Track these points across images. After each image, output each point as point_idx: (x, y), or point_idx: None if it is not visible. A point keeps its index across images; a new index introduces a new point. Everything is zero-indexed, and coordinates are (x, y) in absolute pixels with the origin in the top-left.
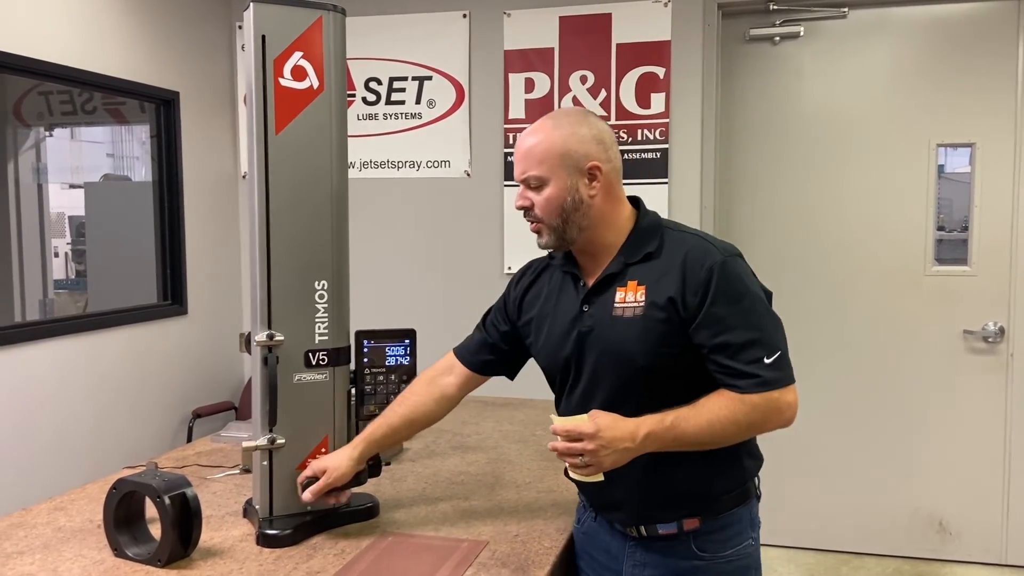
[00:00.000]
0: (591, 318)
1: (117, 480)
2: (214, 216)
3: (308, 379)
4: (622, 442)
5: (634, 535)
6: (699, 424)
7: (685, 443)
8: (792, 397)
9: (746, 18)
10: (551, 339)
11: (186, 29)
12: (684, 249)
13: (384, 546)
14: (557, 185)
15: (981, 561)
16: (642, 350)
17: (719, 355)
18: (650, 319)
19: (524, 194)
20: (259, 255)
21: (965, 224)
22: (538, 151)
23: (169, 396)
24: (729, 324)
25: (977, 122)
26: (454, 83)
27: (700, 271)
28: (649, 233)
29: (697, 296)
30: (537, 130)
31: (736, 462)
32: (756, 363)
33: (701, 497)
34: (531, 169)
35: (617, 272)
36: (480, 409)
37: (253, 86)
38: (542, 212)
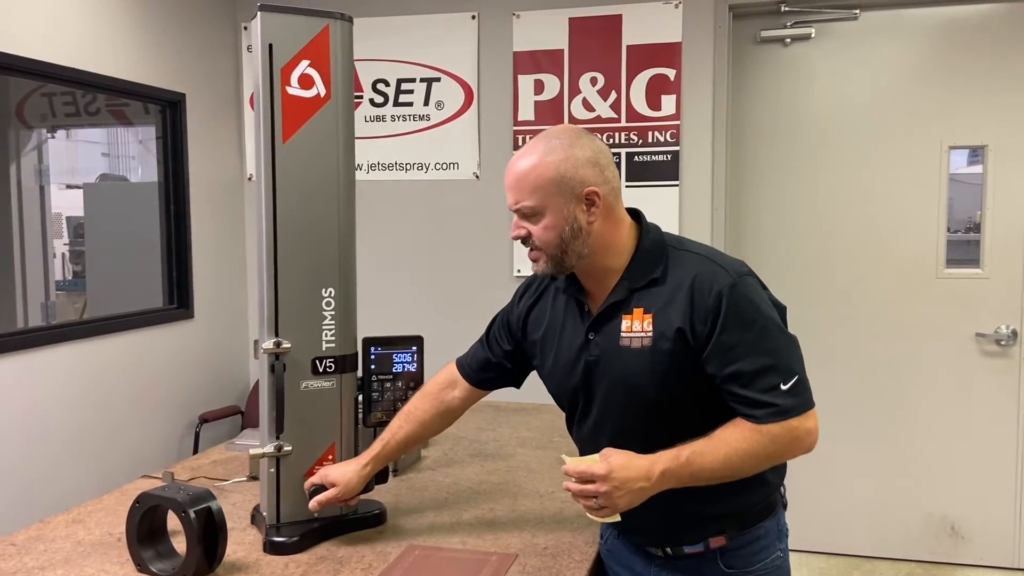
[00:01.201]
0: (598, 347)
1: (140, 494)
2: (220, 218)
3: (315, 386)
4: (636, 482)
5: (660, 555)
6: (716, 459)
7: (703, 479)
8: (812, 423)
9: (757, 19)
10: (558, 367)
11: (192, 30)
12: (691, 273)
13: (412, 560)
14: (553, 215)
15: (994, 565)
16: (652, 383)
17: (732, 384)
18: (659, 351)
19: (519, 224)
20: (266, 263)
21: (969, 226)
22: (530, 180)
23: (176, 401)
24: (741, 352)
25: (989, 124)
26: (463, 85)
27: (708, 297)
28: (653, 255)
29: (706, 324)
30: (527, 154)
31: (759, 477)
32: (772, 391)
33: (726, 516)
34: (524, 199)
35: (622, 300)
36: (494, 415)
37: (260, 94)
38: (540, 242)
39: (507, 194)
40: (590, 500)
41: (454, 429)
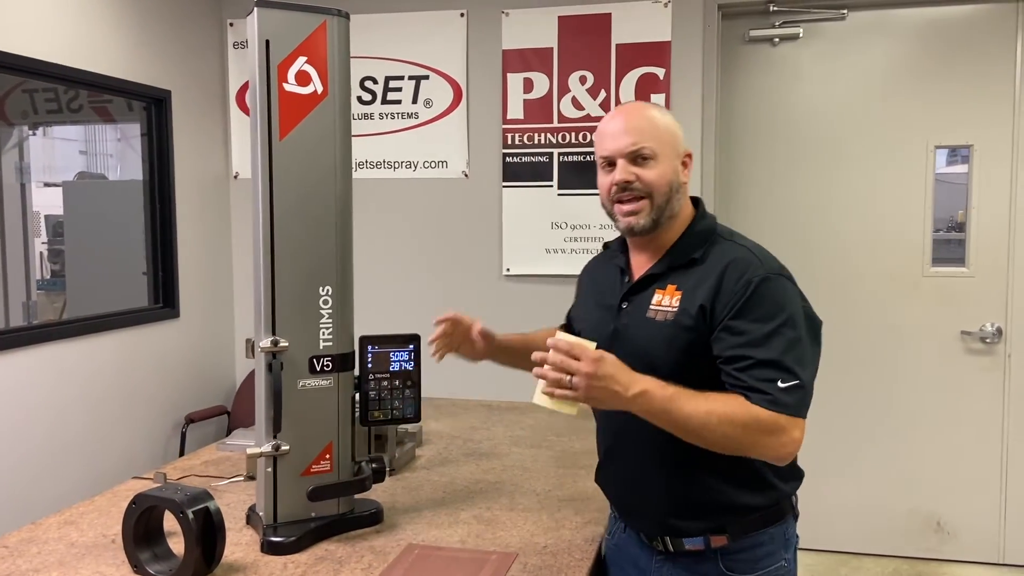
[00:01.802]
0: (627, 316)
1: (137, 495)
2: (206, 217)
3: (313, 385)
4: (616, 383)
5: (661, 549)
6: (696, 408)
7: (675, 422)
8: (798, 434)
9: (746, 19)
10: (590, 330)
11: (177, 27)
12: (728, 258)
13: (412, 559)
14: (665, 164)
15: (979, 561)
16: (666, 357)
17: (732, 366)
18: (678, 326)
19: (628, 168)
20: (263, 261)
21: (951, 225)
22: (654, 125)
23: (162, 401)
24: (750, 340)
25: (975, 124)
26: (451, 83)
27: (737, 283)
28: (700, 238)
29: (727, 307)
30: (642, 108)
31: (763, 480)
32: (770, 383)
33: (726, 511)
34: (646, 141)
35: (659, 274)
36: (487, 414)
37: (257, 91)
38: (652, 188)
39: (615, 139)
40: (563, 376)
41: (447, 428)
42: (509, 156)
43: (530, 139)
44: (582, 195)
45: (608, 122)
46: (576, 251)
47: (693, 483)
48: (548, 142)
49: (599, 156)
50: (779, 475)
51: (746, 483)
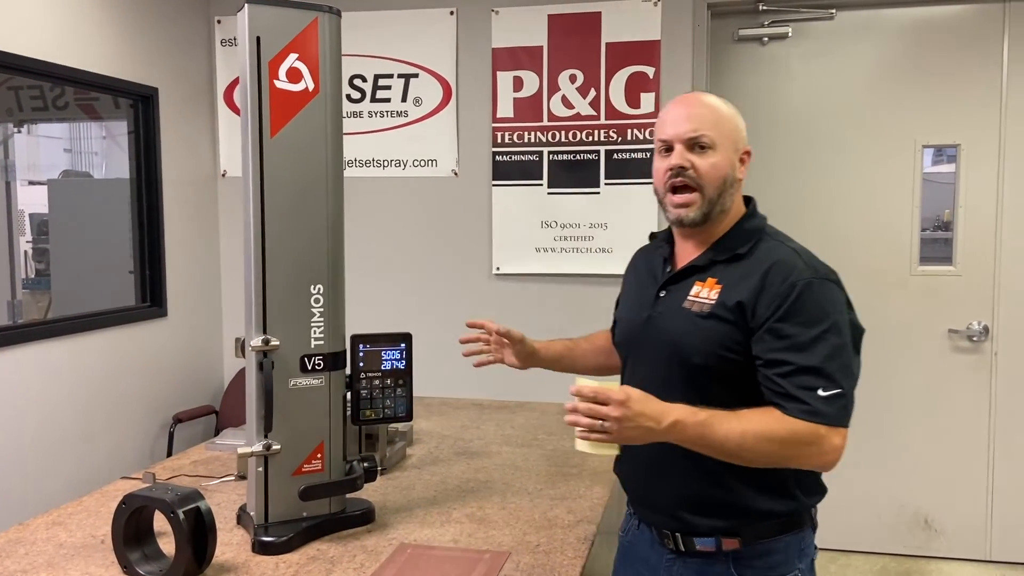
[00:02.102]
0: (662, 304)
1: (127, 495)
2: (193, 215)
3: (304, 384)
4: (647, 419)
5: (672, 548)
6: (730, 431)
7: (712, 446)
8: (839, 441)
9: (735, 18)
10: (625, 316)
11: (164, 23)
12: (773, 258)
13: (404, 559)
14: (723, 156)
15: (966, 558)
16: (699, 348)
17: (772, 370)
18: (714, 317)
19: (685, 155)
20: (254, 259)
21: (937, 224)
22: (716, 115)
23: (149, 400)
24: (793, 344)
25: (962, 123)
26: (441, 81)
27: (781, 284)
28: (747, 235)
29: (770, 308)
30: (707, 97)
31: (783, 486)
32: (809, 391)
33: (742, 513)
34: (706, 129)
35: (701, 266)
36: (478, 413)
37: (248, 88)
38: (705, 178)
39: (676, 124)
40: (596, 422)
41: (438, 427)
42: (499, 155)
43: (520, 138)
44: (572, 194)
45: (671, 108)
46: (566, 250)
47: (712, 480)
48: (538, 141)
49: (657, 140)
50: (801, 486)
51: (766, 488)
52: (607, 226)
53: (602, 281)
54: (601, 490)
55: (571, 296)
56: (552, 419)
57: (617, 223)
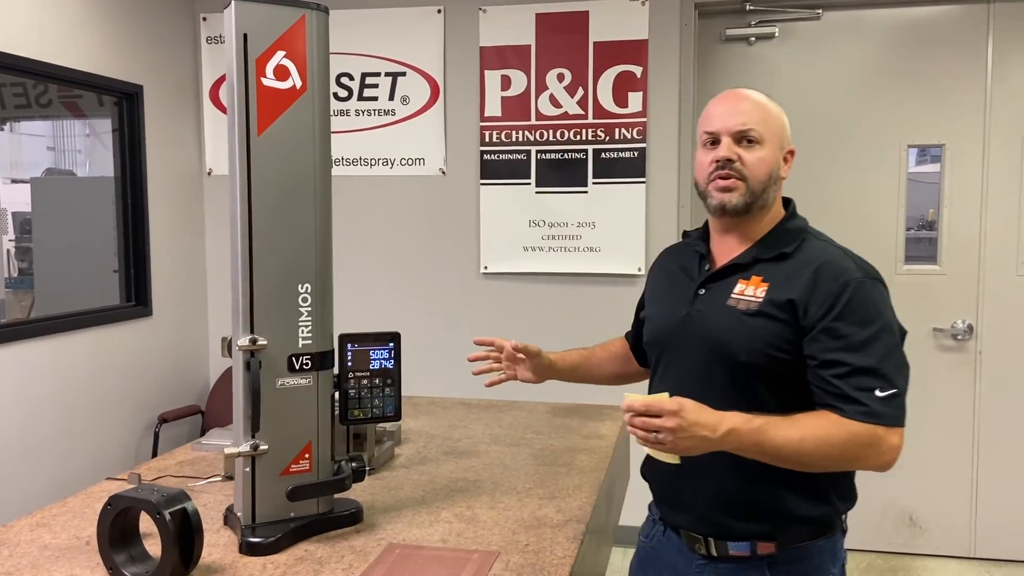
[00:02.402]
0: (703, 302)
1: (112, 496)
2: (178, 214)
3: (292, 384)
4: (703, 428)
5: (703, 553)
6: (788, 437)
7: (768, 453)
8: (898, 440)
9: (722, 18)
10: (659, 315)
11: (149, 20)
12: (822, 257)
13: (393, 559)
14: (769, 151)
15: (951, 555)
16: (747, 347)
17: (828, 371)
18: (762, 315)
19: (732, 148)
20: (241, 258)
21: (922, 223)
22: (765, 111)
23: (134, 400)
24: (849, 345)
25: (947, 123)
26: (428, 79)
27: (833, 283)
28: (791, 235)
29: (822, 308)
30: (753, 94)
31: (821, 492)
32: (867, 392)
33: (779, 517)
34: (755, 124)
35: (745, 264)
36: (465, 412)
37: (235, 86)
38: (751, 171)
39: (724, 117)
40: (651, 434)
41: (426, 426)
42: (487, 153)
43: (508, 136)
44: (560, 193)
45: (719, 101)
46: (554, 249)
47: (750, 483)
48: (526, 140)
49: (704, 132)
50: (838, 492)
51: (804, 492)
52: (595, 225)
53: (590, 280)
54: (590, 489)
55: (559, 295)
56: (541, 418)
57: (605, 222)
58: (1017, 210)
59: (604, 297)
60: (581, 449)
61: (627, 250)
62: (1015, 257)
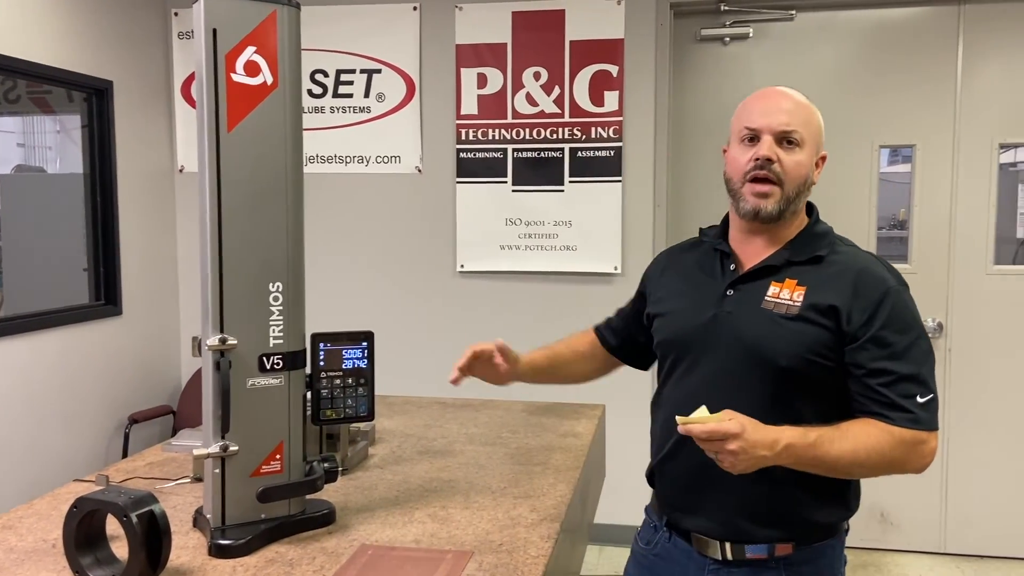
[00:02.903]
0: (733, 303)
1: (78, 499)
2: (149, 212)
3: (262, 384)
4: (761, 449)
5: (717, 558)
6: (843, 449)
7: (823, 465)
8: (935, 444)
9: (697, 18)
10: (682, 312)
11: (119, 15)
12: (859, 264)
13: (365, 560)
14: (806, 155)
15: (921, 550)
16: (787, 351)
17: (874, 380)
18: (804, 320)
19: (773, 148)
20: (211, 257)
21: (895, 222)
22: (807, 113)
23: (104, 401)
24: (894, 353)
25: (918, 124)
26: (404, 77)
27: (874, 292)
28: (820, 239)
29: (865, 314)
30: (796, 94)
31: (841, 496)
32: (911, 399)
33: (800, 523)
34: (798, 126)
35: (777, 266)
36: (441, 411)
37: (204, 81)
38: (789, 174)
39: (768, 115)
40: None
41: (401, 426)
42: (463, 152)
43: (484, 135)
44: (537, 191)
45: (762, 97)
46: (531, 248)
47: (774, 489)
48: (502, 138)
49: (743, 127)
50: (853, 494)
51: (827, 497)
52: (571, 224)
53: (566, 279)
54: (565, 488)
55: (536, 294)
56: (517, 417)
57: (581, 221)
58: (986, 210)
59: (580, 296)
60: (557, 448)
61: (603, 249)
62: (984, 256)
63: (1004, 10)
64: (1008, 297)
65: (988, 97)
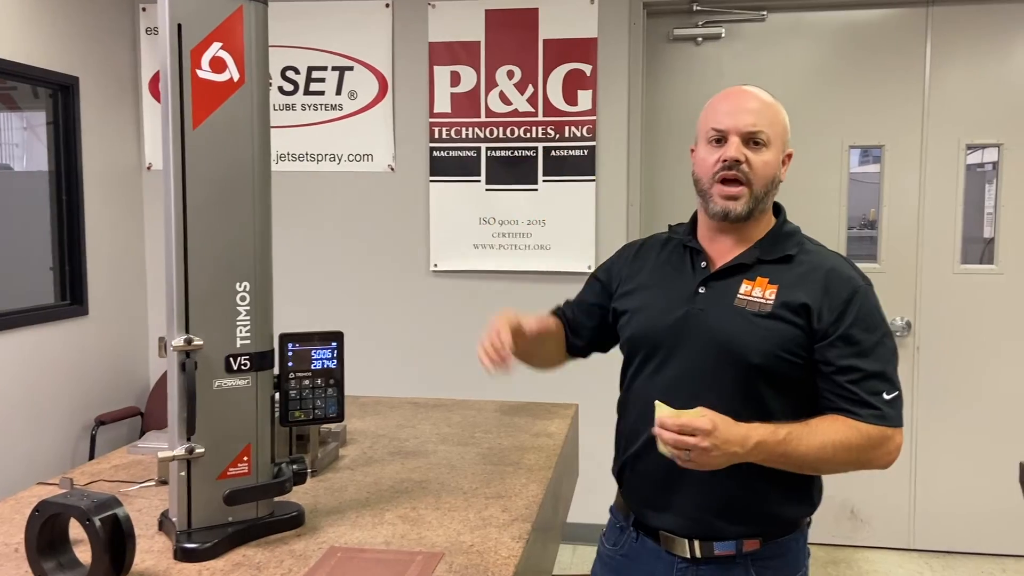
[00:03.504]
0: (704, 301)
1: (40, 502)
2: (117, 209)
3: (229, 385)
4: (732, 445)
5: (685, 556)
6: (811, 445)
7: (792, 462)
8: (901, 440)
9: (670, 18)
10: (652, 308)
11: (85, 10)
12: (828, 263)
13: (334, 562)
14: (773, 154)
15: (890, 546)
16: (760, 349)
17: (843, 376)
18: (779, 319)
19: (741, 149)
20: (176, 255)
21: (865, 222)
22: (773, 113)
23: (70, 402)
24: (862, 351)
25: (887, 125)
26: (376, 74)
27: (844, 291)
28: (789, 238)
29: (835, 313)
30: (761, 93)
31: (807, 491)
32: (877, 395)
33: (766, 517)
34: (764, 126)
35: (748, 264)
36: (413, 411)
37: (169, 77)
38: (756, 174)
39: (734, 115)
40: (682, 452)
41: (373, 426)
42: (436, 150)
43: (457, 133)
44: (510, 190)
45: (727, 98)
46: (504, 247)
47: (743, 485)
48: (476, 137)
49: (709, 127)
50: (817, 489)
51: (794, 495)
52: (545, 223)
53: (540, 278)
54: (537, 488)
55: (509, 293)
56: (490, 417)
57: (555, 220)
58: (953, 210)
59: (554, 295)
60: (529, 448)
61: (577, 248)
62: (951, 256)
63: (971, 12)
64: (975, 296)
65: (955, 99)
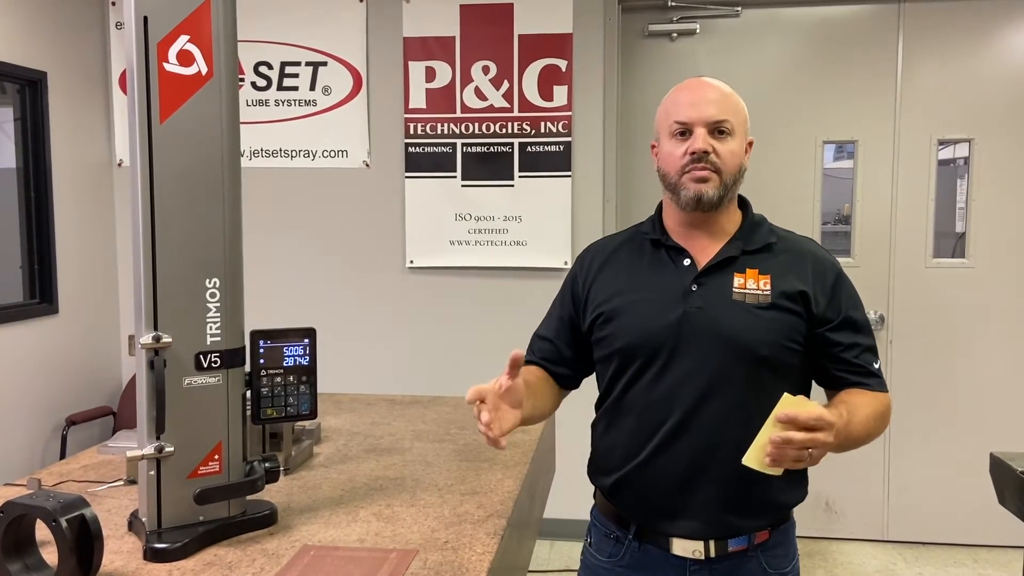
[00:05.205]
0: (701, 298)
1: (5, 503)
2: (87, 206)
3: (199, 383)
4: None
5: (699, 557)
6: (859, 421)
7: (851, 442)
8: None
9: (645, 14)
10: (640, 315)
11: (54, 3)
12: (808, 248)
13: (307, 561)
14: (738, 143)
15: (865, 538)
16: (767, 340)
17: (850, 353)
18: (780, 309)
19: (708, 139)
20: (143, 252)
21: (839, 217)
22: (734, 102)
23: (39, 402)
24: (859, 327)
25: (860, 120)
26: (351, 70)
27: (830, 274)
28: (762, 227)
29: (826, 297)
30: (720, 84)
31: (803, 475)
32: (874, 366)
33: (772, 507)
34: (728, 115)
35: (735, 256)
36: (388, 408)
37: (135, 71)
38: (724, 163)
39: (696, 107)
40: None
41: (348, 424)
42: (411, 146)
43: (433, 129)
44: (486, 186)
45: (687, 90)
46: (480, 243)
47: (756, 479)
48: (451, 132)
49: (673, 121)
50: (807, 474)
51: (795, 480)
52: (521, 219)
53: (516, 274)
54: (512, 483)
55: (486, 289)
56: (465, 413)
57: (531, 216)
58: (925, 205)
59: (530, 291)
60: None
61: (553, 244)
62: (923, 250)
63: (943, 9)
64: (947, 290)
65: (927, 94)
